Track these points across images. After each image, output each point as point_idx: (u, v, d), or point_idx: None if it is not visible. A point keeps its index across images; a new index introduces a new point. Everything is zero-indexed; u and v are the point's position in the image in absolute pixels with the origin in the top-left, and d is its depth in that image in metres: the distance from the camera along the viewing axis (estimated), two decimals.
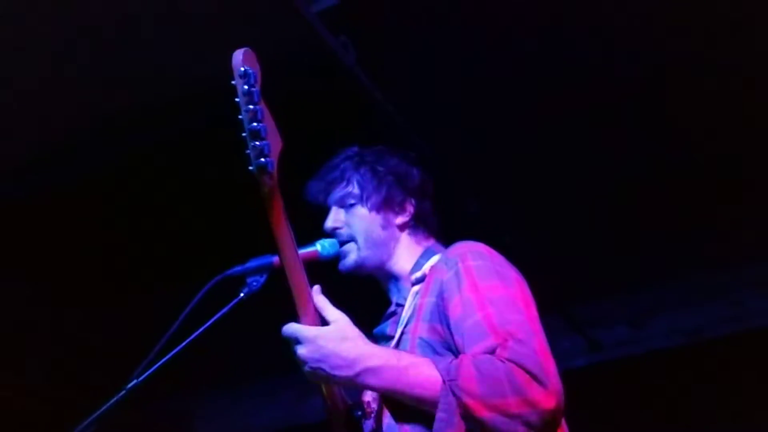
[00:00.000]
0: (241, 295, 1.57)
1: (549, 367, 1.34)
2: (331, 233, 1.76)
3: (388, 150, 1.85)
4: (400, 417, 1.48)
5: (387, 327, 1.69)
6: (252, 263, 1.60)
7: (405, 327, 1.60)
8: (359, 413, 1.55)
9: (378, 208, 1.75)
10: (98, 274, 3.69)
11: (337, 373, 1.39)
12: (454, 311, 1.48)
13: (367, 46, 2.42)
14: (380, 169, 1.79)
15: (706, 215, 3.33)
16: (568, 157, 3.12)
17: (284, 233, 1.40)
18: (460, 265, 1.54)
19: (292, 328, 1.45)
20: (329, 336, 1.42)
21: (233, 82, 1.31)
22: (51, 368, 4.26)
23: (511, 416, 1.28)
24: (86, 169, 3.13)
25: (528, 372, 1.31)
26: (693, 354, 3.73)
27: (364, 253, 1.73)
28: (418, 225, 1.81)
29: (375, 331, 1.72)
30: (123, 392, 1.47)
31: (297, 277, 1.43)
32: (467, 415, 1.29)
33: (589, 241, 3.50)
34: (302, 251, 1.62)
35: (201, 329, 1.53)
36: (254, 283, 1.58)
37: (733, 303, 3.74)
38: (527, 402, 1.29)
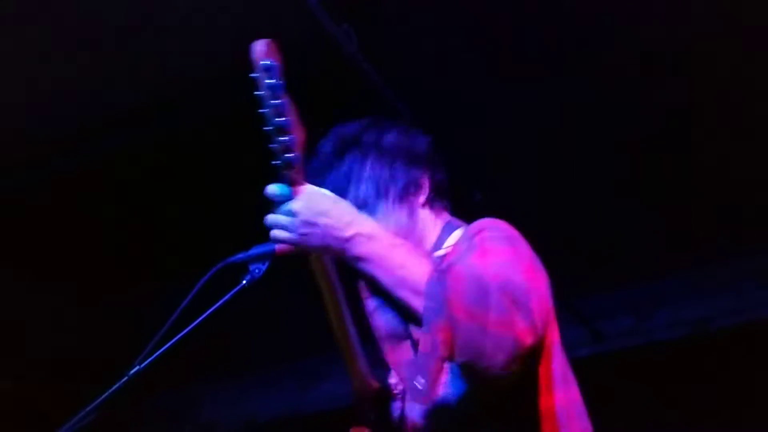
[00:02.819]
0: (244, 282, 1.56)
1: (534, 306, 1.23)
2: None
3: (381, 125, 1.67)
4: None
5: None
6: (254, 250, 1.58)
7: None
8: (387, 395, 1.51)
9: (400, 199, 1.59)
10: (100, 264, 3.69)
11: (330, 232, 1.32)
12: None
13: (370, 35, 2.40)
14: (387, 153, 1.61)
15: (710, 207, 3.32)
16: (571, 149, 3.11)
17: None
18: (476, 237, 1.44)
19: (275, 187, 1.34)
20: (326, 194, 1.35)
21: (253, 75, 1.26)
22: (52, 358, 4.28)
23: (485, 332, 1.16)
24: (84, 162, 3.13)
25: (515, 300, 1.20)
26: (696, 345, 3.72)
27: None
28: (435, 198, 1.67)
29: None
30: (125, 379, 1.46)
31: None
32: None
33: (593, 232, 3.49)
34: None
35: (203, 317, 1.53)
36: (257, 271, 1.56)
37: (737, 294, 3.73)
38: (507, 324, 1.17)
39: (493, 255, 1.34)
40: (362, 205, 1.57)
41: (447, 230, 1.62)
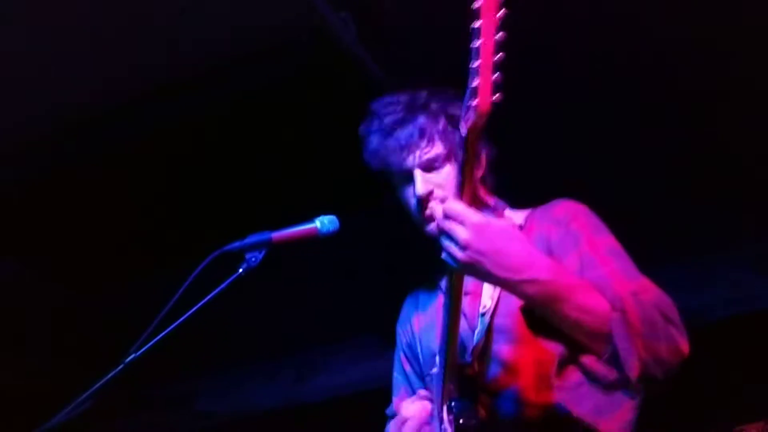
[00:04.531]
0: (240, 271, 1.56)
1: (677, 315, 1.37)
2: (426, 199, 1.60)
3: (447, 94, 1.68)
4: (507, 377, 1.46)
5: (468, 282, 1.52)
6: (250, 239, 1.58)
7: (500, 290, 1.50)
8: (470, 370, 1.50)
9: None
10: (99, 252, 3.68)
11: (497, 272, 1.28)
12: (570, 266, 1.45)
13: (368, 22, 2.38)
14: (455, 120, 1.58)
15: (708, 196, 3.31)
16: (568, 143, 3.10)
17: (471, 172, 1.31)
18: (573, 224, 1.53)
19: (458, 206, 1.29)
20: (500, 229, 1.29)
21: (475, 27, 1.21)
22: (51, 348, 4.28)
23: (659, 361, 1.31)
24: (85, 148, 3.11)
25: (670, 320, 1.34)
26: (693, 336, 3.71)
27: None
28: (488, 176, 1.71)
29: (443, 284, 1.54)
30: (120, 367, 1.46)
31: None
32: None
33: None
34: (300, 228, 1.62)
35: (199, 305, 1.52)
36: (252, 259, 1.57)
37: (734, 285, 3.72)
38: (675, 350, 1.33)
39: (604, 245, 1.48)
40: (432, 162, 1.60)
41: (498, 209, 1.67)
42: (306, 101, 2.77)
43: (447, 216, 1.29)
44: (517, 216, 1.66)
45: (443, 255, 1.32)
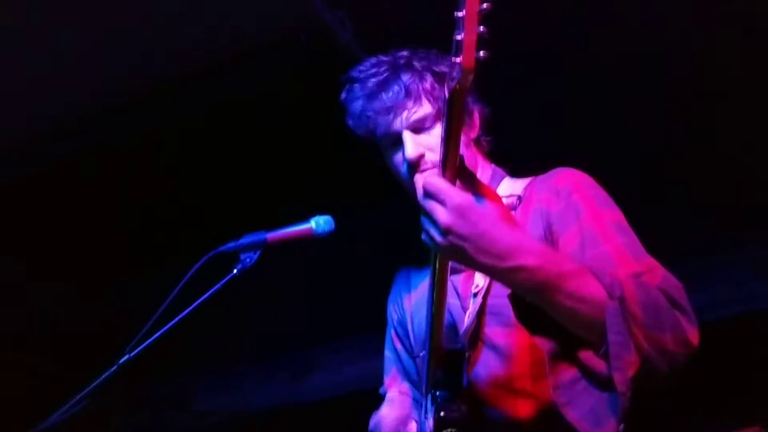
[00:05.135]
0: (235, 271, 1.56)
1: (685, 298, 1.24)
2: (417, 163, 1.49)
3: (432, 53, 1.57)
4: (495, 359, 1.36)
5: None
6: (245, 239, 1.59)
7: None
8: (459, 356, 1.40)
9: None
10: (99, 251, 3.69)
11: (481, 258, 1.14)
12: (570, 242, 1.34)
13: (366, 22, 2.38)
14: (442, 77, 1.47)
15: (706, 198, 3.31)
16: (567, 143, 3.09)
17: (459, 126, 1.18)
18: (575, 195, 1.40)
19: (439, 183, 1.15)
20: (485, 211, 1.15)
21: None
22: (51, 348, 4.28)
23: (664, 353, 1.16)
24: (85, 148, 3.12)
25: (678, 305, 1.21)
26: None
27: None
28: (482, 137, 1.60)
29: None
30: (114, 367, 1.47)
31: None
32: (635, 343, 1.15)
33: None
34: (295, 228, 1.62)
35: (194, 305, 1.53)
36: (247, 260, 1.57)
37: (734, 285, 3.71)
38: (682, 341, 1.18)
39: (610, 218, 1.35)
40: (421, 123, 1.50)
41: (496, 178, 1.57)
42: (306, 100, 2.78)
43: (427, 194, 1.16)
44: (516, 186, 1.56)
45: (423, 236, 1.20)
